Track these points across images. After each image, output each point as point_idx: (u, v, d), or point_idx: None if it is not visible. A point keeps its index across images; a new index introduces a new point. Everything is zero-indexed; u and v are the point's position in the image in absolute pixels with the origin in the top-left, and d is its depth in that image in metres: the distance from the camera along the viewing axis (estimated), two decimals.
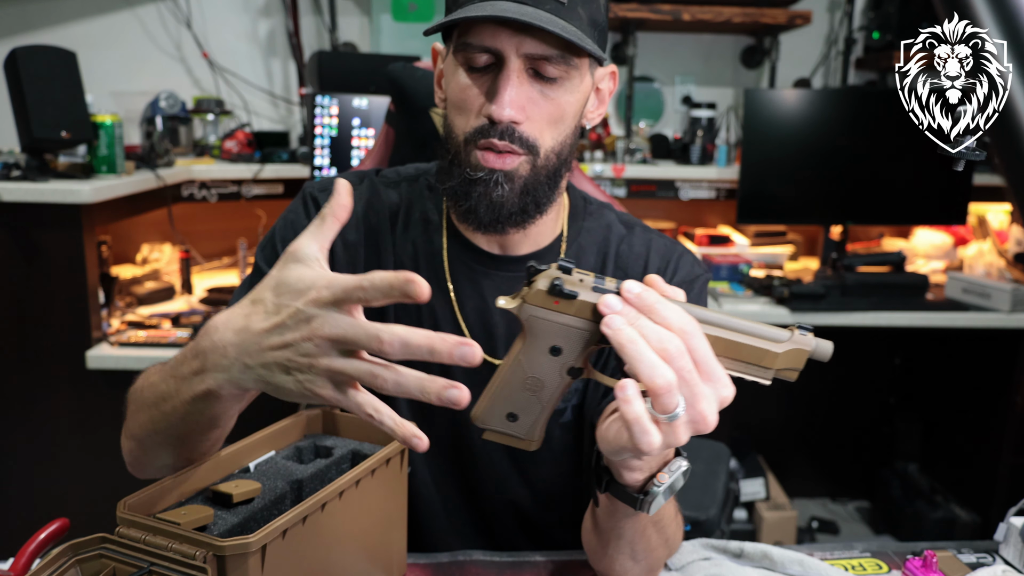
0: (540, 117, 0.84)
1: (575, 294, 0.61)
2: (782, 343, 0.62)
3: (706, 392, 0.60)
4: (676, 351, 0.58)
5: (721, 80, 2.80)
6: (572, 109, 0.86)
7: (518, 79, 0.81)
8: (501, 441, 0.68)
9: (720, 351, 0.62)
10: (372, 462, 0.77)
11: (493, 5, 0.78)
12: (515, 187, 0.85)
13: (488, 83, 0.83)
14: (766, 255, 2.63)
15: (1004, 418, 2.33)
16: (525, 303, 0.62)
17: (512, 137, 0.82)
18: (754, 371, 0.63)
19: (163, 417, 0.70)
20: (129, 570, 0.63)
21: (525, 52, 0.80)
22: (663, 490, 0.69)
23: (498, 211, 0.85)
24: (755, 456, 2.63)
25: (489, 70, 0.83)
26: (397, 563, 0.86)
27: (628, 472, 0.69)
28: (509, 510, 1.00)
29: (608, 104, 0.94)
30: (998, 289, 2.23)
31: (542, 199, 0.88)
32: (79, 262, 1.86)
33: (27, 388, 1.92)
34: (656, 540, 0.81)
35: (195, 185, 2.36)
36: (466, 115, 0.85)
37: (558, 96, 0.83)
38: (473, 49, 0.82)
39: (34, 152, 1.85)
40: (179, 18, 2.57)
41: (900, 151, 2.46)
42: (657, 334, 0.59)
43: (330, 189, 0.97)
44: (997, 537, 0.95)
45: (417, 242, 0.96)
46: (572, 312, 0.62)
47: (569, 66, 0.82)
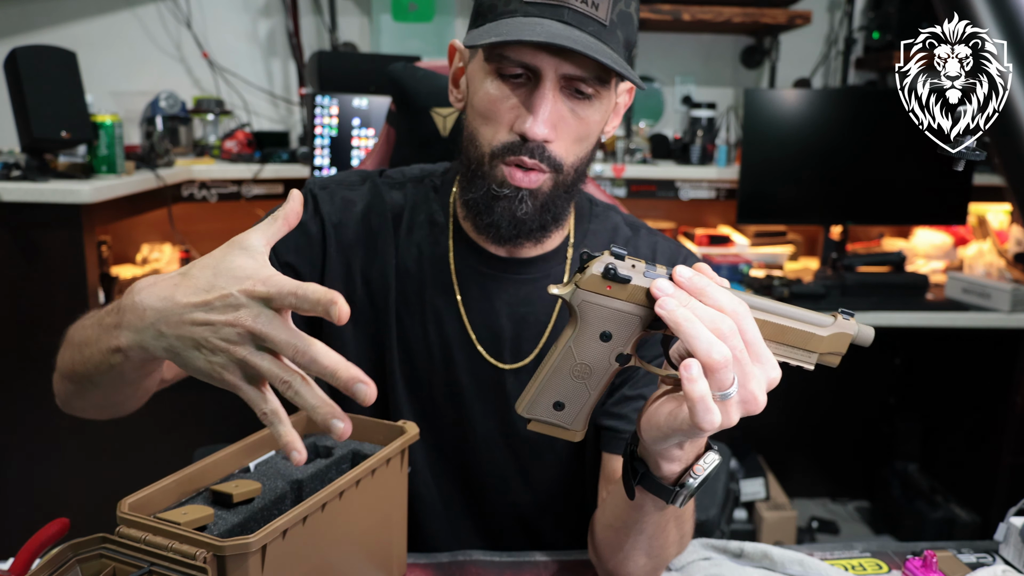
0: (568, 135, 0.84)
1: (628, 278, 0.62)
2: (826, 327, 0.64)
3: (756, 372, 0.61)
4: (729, 330, 0.60)
5: (721, 80, 2.80)
6: (597, 127, 0.86)
7: (554, 97, 0.81)
8: (546, 431, 0.69)
9: (767, 335, 0.63)
10: (372, 462, 0.77)
11: (542, 26, 0.77)
12: (537, 203, 0.85)
13: (521, 97, 0.82)
14: (766, 255, 2.63)
15: (1004, 418, 2.33)
16: (578, 288, 0.62)
17: (542, 156, 0.82)
18: (799, 355, 0.65)
19: (82, 361, 0.72)
20: (129, 570, 0.63)
21: (563, 73, 0.80)
22: (698, 482, 0.70)
23: (520, 227, 0.86)
24: (755, 456, 2.63)
25: (522, 83, 0.82)
26: (397, 563, 0.86)
27: (667, 463, 0.69)
28: (510, 511, 1.00)
29: (620, 117, 0.94)
30: (998, 289, 2.23)
31: (560, 212, 0.89)
32: (79, 262, 1.86)
33: (27, 388, 1.92)
34: (673, 536, 0.82)
35: (195, 185, 2.36)
36: (494, 127, 0.84)
37: (587, 115, 0.84)
38: (510, 63, 0.81)
39: (34, 152, 1.85)
40: (179, 18, 2.57)
41: (900, 151, 2.46)
42: (710, 314, 0.60)
43: (331, 187, 0.97)
44: (997, 537, 0.95)
45: (422, 244, 0.96)
46: (624, 297, 0.63)
47: (601, 86, 0.82)
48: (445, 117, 1.23)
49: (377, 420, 0.85)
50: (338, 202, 0.96)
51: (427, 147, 1.23)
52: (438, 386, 0.96)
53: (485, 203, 0.86)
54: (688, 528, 0.86)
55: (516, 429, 0.96)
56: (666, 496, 0.71)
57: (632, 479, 0.72)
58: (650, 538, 0.80)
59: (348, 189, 0.98)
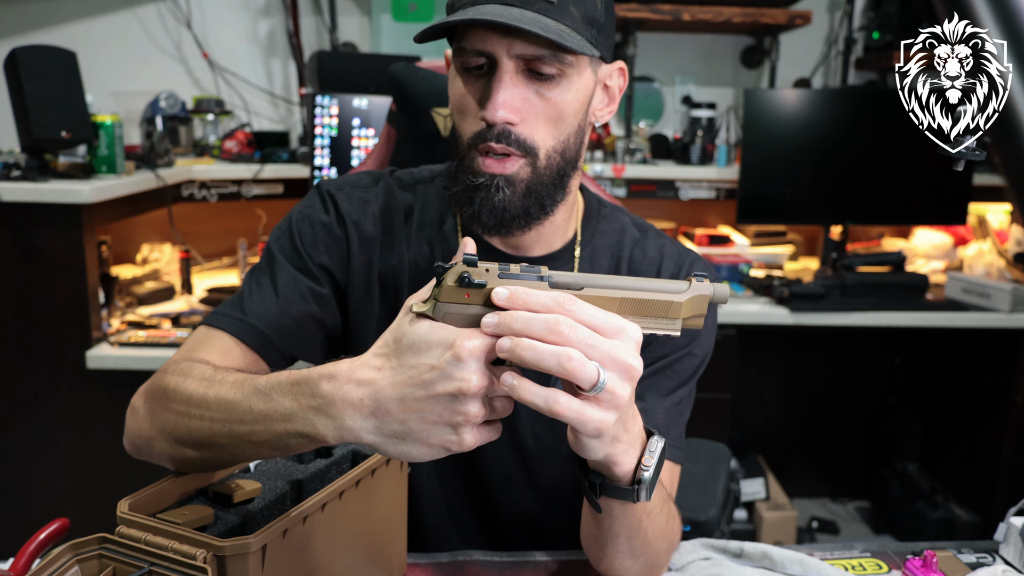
0: (536, 117, 0.83)
1: (483, 283, 0.62)
2: (683, 293, 0.66)
3: (618, 344, 0.60)
4: (567, 327, 0.58)
5: (721, 80, 2.80)
6: (571, 108, 0.85)
7: (511, 80, 0.81)
8: None
9: (628, 311, 0.64)
10: (372, 462, 0.77)
11: (477, 9, 0.78)
12: (517, 191, 0.85)
13: (484, 86, 0.83)
14: (766, 255, 2.63)
15: (1004, 418, 2.33)
16: (438, 302, 0.62)
17: (508, 140, 0.83)
18: (663, 324, 0.66)
19: (230, 434, 0.68)
20: (129, 570, 0.63)
21: (516, 53, 0.80)
22: (652, 472, 0.69)
23: (501, 215, 0.86)
24: (755, 456, 2.63)
25: (484, 73, 0.83)
26: (397, 563, 0.86)
27: (616, 467, 0.68)
28: (515, 513, 1.00)
29: (618, 101, 0.94)
30: (998, 289, 2.23)
31: (546, 200, 0.88)
32: (79, 262, 1.86)
33: (27, 388, 1.92)
34: (652, 532, 0.81)
35: (195, 185, 2.36)
36: (467, 119, 0.85)
37: (554, 95, 0.83)
38: (467, 53, 0.82)
39: (34, 152, 1.85)
40: (179, 18, 2.57)
41: (900, 151, 2.46)
42: (541, 322, 0.59)
43: (346, 188, 0.97)
44: (997, 537, 0.95)
45: (433, 242, 0.96)
46: (481, 302, 0.62)
47: (564, 64, 0.82)
48: (446, 117, 1.23)
49: None
50: (355, 202, 0.97)
51: (428, 147, 1.23)
52: None
53: (466, 195, 0.86)
54: (663, 522, 0.83)
55: (522, 431, 0.96)
56: (629, 497, 0.70)
57: (593, 494, 0.72)
58: (628, 539, 0.79)
59: (363, 190, 0.98)
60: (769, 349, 2.81)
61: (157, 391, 0.78)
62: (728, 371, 2.20)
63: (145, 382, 0.84)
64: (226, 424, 0.68)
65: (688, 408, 0.97)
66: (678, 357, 0.94)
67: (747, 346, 2.33)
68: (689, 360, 0.95)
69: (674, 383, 0.94)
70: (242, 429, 0.67)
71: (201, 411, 0.71)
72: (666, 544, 0.85)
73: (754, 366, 2.78)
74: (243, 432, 0.67)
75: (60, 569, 0.63)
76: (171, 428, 0.74)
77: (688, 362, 0.95)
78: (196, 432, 0.71)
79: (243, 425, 0.67)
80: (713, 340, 0.98)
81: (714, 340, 0.99)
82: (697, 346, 0.95)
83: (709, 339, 0.98)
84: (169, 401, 0.75)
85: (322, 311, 0.93)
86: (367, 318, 0.96)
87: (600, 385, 0.58)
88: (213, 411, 0.70)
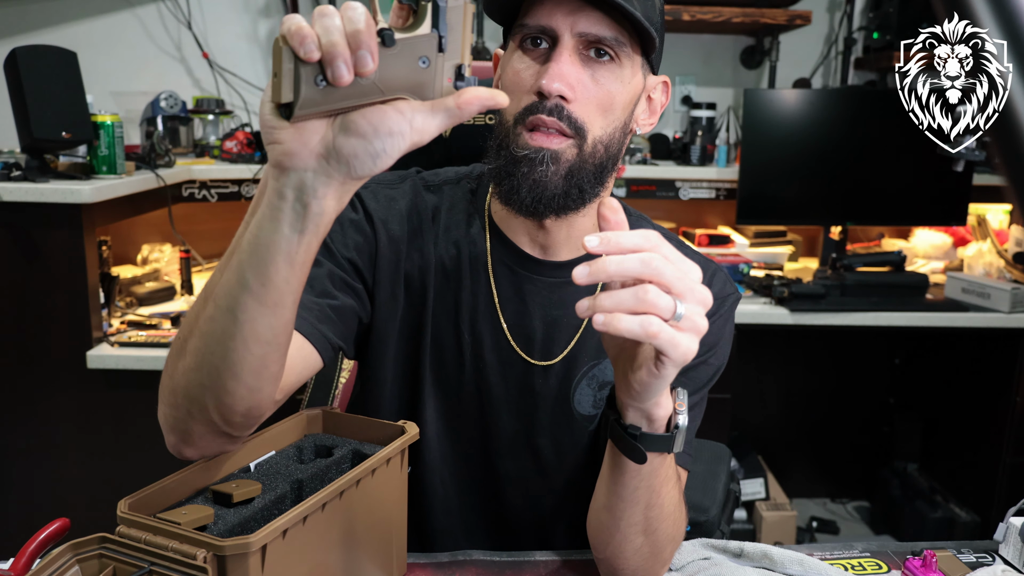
0: (589, 100, 0.83)
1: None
2: None
3: (685, 268, 0.63)
4: (659, 261, 0.61)
5: (721, 80, 2.80)
6: (621, 100, 0.85)
7: (570, 57, 0.82)
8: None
9: None
10: (372, 462, 0.77)
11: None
12: (559, 169, 0.84)
13: (540, 61, 0.84)
14: (766, 255, 2.63)
15: (1004, 418, 2.33)
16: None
17: (561, 115, 0.82)
18: None
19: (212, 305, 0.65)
20: (129, 570, 0.63)
21: (579, 31, 0.81)
22: (685, 417, 0.73)
23: (540, 191, 0.84)
24: (755, 456, 2.63)
25: (543, 51, 0.84)
26: (397, 563, 0.86)
27: (658, 409, 0.72)
28: (526, 513, 1.00)
29: (659, 116, 0.94)
30: (998, 289, 2.23)
31: (586, 188, 0.86)
32: (79, 262, 1.86)
33: (27, 388, 1.92)
34: (668, 504, 0.81)
35: (195, 185, 2.36)
36: (517, 96, 0.85)
37: (607, 83, 0.84)
38: (528, 29, 0.83)
39: (34, 152, 1.85)
40: (179, 18, 2.57)
41: (900, 151, 2.46)
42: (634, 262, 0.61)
43: (372, 185, 0.97)
44: (997, 537, 0.95)
45: (460, 242, 0.96)
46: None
47: (621, 52, 0.83)
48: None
49: (377, 420, 0.86)
50: (382, 199, 0.96)
51: (427, 147, 1.23)
52: (467, 385, 0.96)
53: (507, 169, 0.85)
54: (676, 497, 0.84)
55: (539, 431, 0.96)
56: (667, 446, 0.74)
57: (635, 441, 0.74)
58: (647, 508, 0.79)
59: (388, 187, 0.97)
60: (769, 349, 2.81)
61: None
62: (728, 371, 2.19)
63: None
64: (206, 291, 0.68)
65: (699, 416, 0.97)
66: (693, 365, 0.94)
67: (747, 346, 2.33)
68: (704, 369, 0.95)
69: (689, 390, 0.94)
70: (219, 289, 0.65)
71: (183, 333, 0.70)
72: (673, 530, 0.85)
73: (754, 366, 2.78)
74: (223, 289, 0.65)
75: (60, 569, 0.63)
76: (169, 379, 0.71)
77: (703, 371, 0.95)
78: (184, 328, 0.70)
79: (215, 278, 0.67)
80: (729, 351, 0.99)
81: (729, 351, 0.99)
82: (714, 356, 0.96)
83: (725, 350, 0.98)
84: (166, 364, 0.73)
85: (357, 304, 0.92)
86: (390, 317, 0.94)
87: (679, 315, 0.62)
88: (194, 310, 0.69)
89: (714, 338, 0.95)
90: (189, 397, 0.69)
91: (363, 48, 0.55)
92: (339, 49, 0.54)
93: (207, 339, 0.67)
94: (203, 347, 0.67)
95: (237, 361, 0.66)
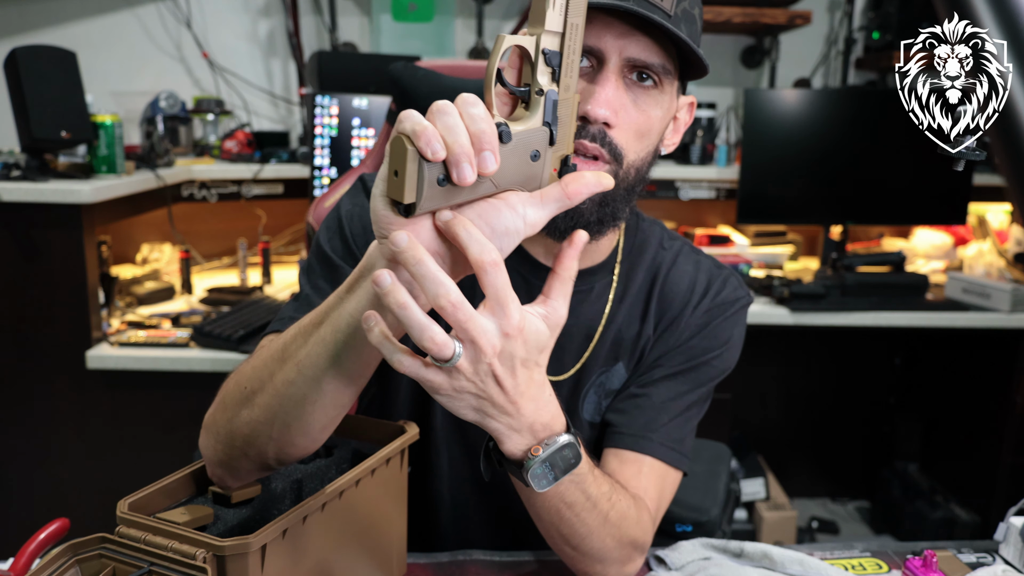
0: (629, 126, 0.81)
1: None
2: None
3: (482, 321, 0.60)
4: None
5: (721, 80, 2.80)
6: (657, 125, 0.84)
7: (616, 81, 0.79)
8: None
9: None
10: (372, 462, 0.77)
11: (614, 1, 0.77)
12: (595, 197, 0.82)
13: (586, 83, 0.81)
14: (766, 255, 2.63)
15: (1004, 418, 2.33)
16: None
17: (603, 141, 0.80)
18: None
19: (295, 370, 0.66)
20: (129, 570, 0.63)
21: (628, 56, 0.79)
22: (538, 464, 0.67)
23: (576, 219, 0.82)
24: (755, 456, 2.63)
25: (588, 72, 0.81)
26: (397, 563, 0.86)
27: (500, 443, 0.67)
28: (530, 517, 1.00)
29: (681, 135, 0.92)
30: (998, 289, 2.23)
31: (618, 213, 0.85)
32: (79, 262, 1.86)
33: (27, 388, 1.92)
34: (582, 526, 0.77)
35: (195, 185, 2.36)
36: None
37: (649, 108, 0.82)
38: None
39: (34, 152, 1.85)
40: (179, 18, 2.57)
41: (900, 151, 2.46)
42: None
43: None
44: (997, 537, 0.95)
45: None
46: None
47: (665, 79, 0.81)
48: None
49: (377, 420, 0.86)
50: None
51: None
52: None
53: None
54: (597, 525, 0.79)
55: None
56: (519, 476, 0.68)
57: (486, 457, 0.71)
58: (556, 526, 0.77)
59: None
60: (769, 349, 2.81)
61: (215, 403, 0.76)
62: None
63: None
64: (284, 352, 0.68)
65: (698, 415, 0.97)
66: (697, 364, 0.94)
67: (747, 346, 2.32)
68: (708, 369, 0.95)
69: (687, 387, 0.94)
70: (300, 356, 0.66)
71: (252, 383, 0.70)
72: (614, 541, 0.82)
73: (754, 366, 2.78)
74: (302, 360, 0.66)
75: (60, 569, 0.63)
76: (226, 421, 0.72)
77: (706, 371, 0.95)
78: (253, 380, 0.70)
79: (298, 343, 0.67)
80: (736, 357, 0.98)
81: (737, 357, 0.98)
82: (718, 358, 0.95)
83: (733, 355, 0.98)
84: (219, 408, 0.73)
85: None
86: None
87: (453, 360, 0.59)
88: (269, 359, 0.69)
89: (719, 339, 0.95)
90: (249, 443, 0.71)
91: (486, 149, 0.55)
92: (465, 150, 0.54)
93: (283, 400, 0.68)
94: (276, 405, 0.68)
95: (311, 423, 0.68)
